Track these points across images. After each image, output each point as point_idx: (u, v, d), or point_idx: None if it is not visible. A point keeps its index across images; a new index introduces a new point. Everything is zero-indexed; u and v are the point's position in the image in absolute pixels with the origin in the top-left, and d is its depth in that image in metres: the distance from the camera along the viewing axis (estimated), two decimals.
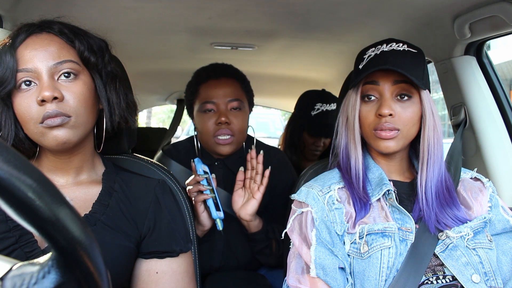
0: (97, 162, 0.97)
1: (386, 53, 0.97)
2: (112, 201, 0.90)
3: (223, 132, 1.42)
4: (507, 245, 0.97)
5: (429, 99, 0.99)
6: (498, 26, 1.17)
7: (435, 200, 0.96)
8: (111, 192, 0.91)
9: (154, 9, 1.38)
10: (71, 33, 0.86)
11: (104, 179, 0.94)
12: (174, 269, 0.92)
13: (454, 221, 0.95)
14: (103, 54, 0.91)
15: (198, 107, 1.48)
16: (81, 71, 0.85)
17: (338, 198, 0.99)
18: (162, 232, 0.92)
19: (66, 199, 0.40)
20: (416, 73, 0.96)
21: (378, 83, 0.97)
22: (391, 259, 0.90)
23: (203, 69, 1.56)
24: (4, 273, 0.41)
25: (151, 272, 0.91)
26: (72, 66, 0.84)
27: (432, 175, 0.98)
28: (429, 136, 0.97)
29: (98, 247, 0.41)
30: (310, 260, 0.92)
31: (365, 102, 0.99)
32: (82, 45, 0.86)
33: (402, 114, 0.95)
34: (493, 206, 1.00)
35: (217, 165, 1.51)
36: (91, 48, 0.88)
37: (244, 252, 1.46)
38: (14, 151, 0.38)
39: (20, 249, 0.79)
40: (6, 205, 0.37)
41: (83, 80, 0.85)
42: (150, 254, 0.91)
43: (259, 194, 1.32)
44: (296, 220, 1.00)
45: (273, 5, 1.33)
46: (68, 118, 0.81)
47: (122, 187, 0.94)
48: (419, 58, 1.00)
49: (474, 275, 0.89)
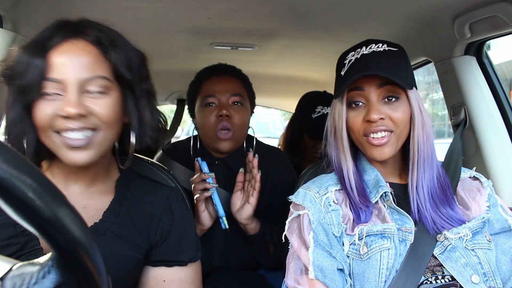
0: (113, 170, 0.93)
1: (366, 56, 0.95)
2: (123, 210, 0.88)
3: (224, 125, 1.42)
4: (506, 245, 0.97)
5: (416, 97, 0.97)
6: (498, 26, 1.17)
7: (428, 201, 0.95)
8: (122, 201, 0.89)
9: (154, 9, 1.38)
10: (109, 42, 0.80)
11: (117, 186, 0.91)
12: (181, 278, 0.91)
13: (449, 222, 0.94)
14: (140, 70, 0.85)
15: (199, 102, 1.49)
16: (112, 88, 0.79)
17: (335, 200, 0.99)
18: (173, 241, 0.91)
19: (66, 199, 0.40)
20: (400, 73, 0.94)
21: (363, 88, 0.95)
22: (390, 260, 0.90)
23: (206, 68, 1.57)
24: (4, 273, 0.41)
25: (159, 279, 0.89)
26: (104, 83, 0.78)
27: (424, 176, 0.96)
28: (419, 134, 0.96)
29: (98, 247, 0.41)
30: (309, 262, 0.92)
31: (352, 108, 0.97)
32: (118, 59, 0.80)
33: (393, 116, 0.94)
34: (491, 205, 0.99)
35: (217, 164, 1.51)
36: (128, 63, 0.82)
37: (244, 251, 1.46)
38: (14, 151, 0.37)
39: (25, 256, 0.76)
40: (6, 205, 0.37)
41: (113, 96, 0.79)
42: (159, 262, 0.90)
43: (253, 199, 1.31)
44: (294, 222, 1.01)
45: (273, 5, 1.33)
46: (92, 133, 0.76)
47: (135, 196, 0.91)
48: (401, 56, 0.98)
49: (474, 275, 0.89)
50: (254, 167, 1.32)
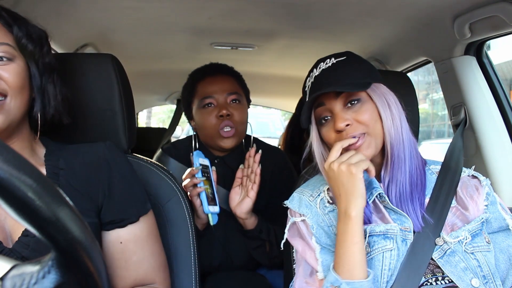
0: (37, 147, 0.93)
1: (318, 77, 0.98)
2: (61, 180, 0.88)
3: (226, 124, 1.43)
4: (504, 243, 0.96)
5: (381, 92, 0.97)
6: (498, 26, 1.17)
7: (408, 197, 0.95)
8: (57, 172, 0.89)
9: (154, 9, 1.38)
10: (10, 17, 0.85)
11: (46, 160, 0.91)
12: (137, 235, 0.92)
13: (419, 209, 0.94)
14: (42, 44, 0.89)
15: (197, 104, 1.49)
16: (16, 56, 0.83)
17: (329, 200, 1.00)
18: (118, 198, 0.91)
19: (66, 199, 0.40)
20: (350, 78, 0.95)
21: (324, 103, 0.97)
22: (392, 261, 0.90)
23: (198, 70, 1.57)
24: (4, 273, 0.41)
25: (115, 242, 0.90)
26: (7, 49, 0.82)
27: (400, 171, 0.95)
28: (389, 129, 0.95)
29: (98, 247, 0.41)
30: (317, 263, 0.93)
31: (323, 124, 0.99)
32: (20, 31, 0.84)
33: (359, 118, 0.94)
34: (490, 204, 0.99)
35: (216, 162, 1.52)
36: (30, 35, 0.86)
37: (244, 251, 1.46)
38: (14, 151, 0.38)
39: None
40: (6, 205, 0.37)
41: (18, 64, 0.83)
42: (111, 224, 0.90)
43: (253, 193, 1.32)
44: (293, 227, 1.02)
45: (273, 5, 1.33)
46: (3, 99, 0.79)
47: (68, 162, 0.91)
48: (350, 61, 0.98)
49: (474, 279, 0.89)
50: (255, 161, 1.33)
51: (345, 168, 0.88)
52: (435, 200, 0.98)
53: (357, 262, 0.85)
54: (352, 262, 0.85)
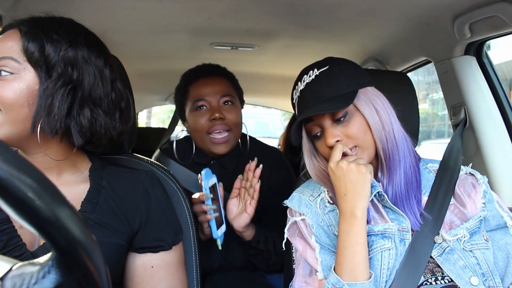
0: (80, 160, 0.92)
1: (303, 92, 0.97)
2: (101, 198, 0.89)
3: (219, 128, 1.42)
4: (502, 241, 0.96)
5: (366, 98, 0.96)
6: (498, 26, 1.17)
7: (404, 197, 0.95)
8: (99, 189, 0.90)
9: (154, 9, 1.38)
10: (29, 32, 0.81)
11: (91, 175, 0.91)
12: (168, 262, 0.94)
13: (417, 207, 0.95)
14: (62, 55, 0.82)
15: (190, 107, 1.48)
16: (22, 69, 0.78)
17: (330, 200, 1.00)
18: (154, 226, 0.92)
19: (66, 199, 0.40)
20: (334, 91, 0.94)
21: (313, 119, 0.97)
22: (391, 260, 0.90)
23: (190, 71, 1.56)
24: (4, 273, 0.41)
25: (147, 266, 0.91)
26: (10, 64, 0.78)
27: (396, 172, 0.96)
28: (380, 135, 0.95)
29: (98, 247, 0.41)
30: (317, 263, 0.94)
31: (316, 138, 0.99)
32: (33, 45, 0.80)
33: (348, 133, 0.94)
34: (487, 201, 0.99)
35: (212, 164, 1.51)
36: (41, 45, 0.80)
37: (243, 252, 1.46)
38: (14, 151, 0.38)
39: (9, 254, 0.77)
40: (6, 205, 0.37)
41: (23, 79, 0.78)
42: (144, 249, 0.91)
43: (251, 209, 1.29)
44: (293, 227, 1.02)
45: (273, 5, 1.33)
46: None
47: (110, 183, 0.91)
48: (333, 70, 0.97)
49: (473, 277, 0.89)
50: (255, 176, 1.29)
51: (355, 166, 0.88)
52: (433, 199, 0.98)
53: (360, 263, 0.85)
54: (355, 263, 0.85)
